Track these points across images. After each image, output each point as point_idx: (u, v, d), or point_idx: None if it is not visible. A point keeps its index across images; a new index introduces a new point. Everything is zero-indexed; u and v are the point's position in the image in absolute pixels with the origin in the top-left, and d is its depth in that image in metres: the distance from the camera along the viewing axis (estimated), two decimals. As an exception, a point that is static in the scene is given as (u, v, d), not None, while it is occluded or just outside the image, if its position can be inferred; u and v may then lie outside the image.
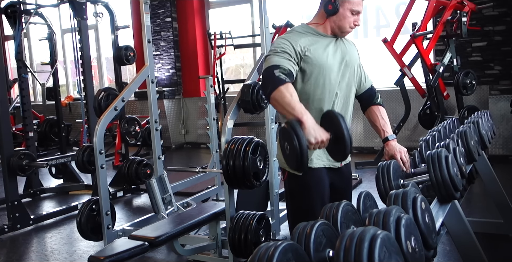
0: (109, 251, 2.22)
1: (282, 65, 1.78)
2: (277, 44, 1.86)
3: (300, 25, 1.96)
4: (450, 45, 4.92)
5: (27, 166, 4.07)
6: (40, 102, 7.45)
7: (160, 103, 7.61)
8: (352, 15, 1.86)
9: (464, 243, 1.76)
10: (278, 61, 1.79)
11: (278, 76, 1.74)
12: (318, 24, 1.92)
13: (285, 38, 1.88)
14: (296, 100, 1.69)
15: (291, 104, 1.66)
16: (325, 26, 1.92)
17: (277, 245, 0.94)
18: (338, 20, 1.87)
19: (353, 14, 1.86)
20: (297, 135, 1.51)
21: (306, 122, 1.60)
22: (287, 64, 1.79)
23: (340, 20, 1.87)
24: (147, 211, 4.04)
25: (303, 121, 1.60)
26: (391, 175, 1.68)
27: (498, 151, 5.35)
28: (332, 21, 1.89)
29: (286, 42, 1.85)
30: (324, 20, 1.91)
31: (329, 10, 1.86)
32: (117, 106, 2.99)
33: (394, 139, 2.00)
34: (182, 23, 8.01)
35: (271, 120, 3.04)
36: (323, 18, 1.91)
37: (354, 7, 1.85)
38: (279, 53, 1.82)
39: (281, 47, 1.84)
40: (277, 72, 1.75)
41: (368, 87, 2.08)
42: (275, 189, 3.10)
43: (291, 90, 1.71)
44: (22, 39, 5.07)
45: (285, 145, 1.58)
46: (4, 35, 8.53)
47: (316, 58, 1.86)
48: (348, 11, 1.85)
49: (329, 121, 1.64)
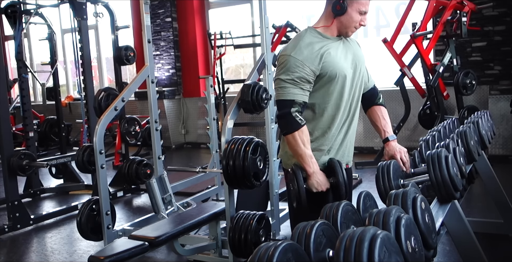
0: (109, 251, 2.22)
1: (297, 100, 1.83)
2: (290, 67, 1.82)
3: (308, 32, 1.90)
4: (450, 45, 4.92)
5: (27, 166, 4.07)
6: (40, 102, 7.46)
7: (160, 103, 7.61)
8: (359, 15, 1.85)
9: (464, 243, 1.76)
10: (294, 94, 1.82)
11: (294, 117, 1.82)
12: (326, 26, 1.90)
13: (298, 56, 1.82)
14: (307, 152, 1.84)
15: (303, 156, 1.84)
16: (332, 28, 1.90)
17: (277, 245, 0.94)
18: (346, 21, 1.86)
19: (360, 14, 1.85)
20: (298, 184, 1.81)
21: (311, 175, 1.83)
22: (301, 97, 1.83)
23: (347, 21, 1.86)
24: (147, 211, 4.04)
25: (310, 174, 1.84)
26: (391, 175, 1.68)
27: (498, 151, 5.35)
28: (340, 22, 1.87)
29: (300, 64, 1.81)
30: (331, 21, 1.88)
31: (337, 10, 1.84)
32: (117, 106, 2.98)
33: (395, 139, 2.01)
34: (182, 23, 8.01)
35: (271, 120, 3.04)
36: (331, 19, 1.88)
37: (362, 7, 1.84)
38: (294, 82, 1.82)
39: (296, 71, 1.81)
40: (294, 112, 1.82)
41: (371, 87, 2.09)
42: (275, 189, 3.09)
43: (304, 138, 1.83)
44: (22, 39, 5.07)
45: (290, 186, 1.87)
46: (4, 35, 8.53)
47: (332, 64, 1.85)
48: (355, 11, 1.84)
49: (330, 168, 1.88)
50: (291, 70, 1.82)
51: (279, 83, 1.86)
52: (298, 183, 1.81)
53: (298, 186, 1.80)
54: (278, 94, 1.87)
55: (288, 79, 1.83)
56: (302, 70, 1.81)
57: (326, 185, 1.85)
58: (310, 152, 1.86)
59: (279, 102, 1.87)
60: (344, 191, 1.83)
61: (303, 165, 1.84)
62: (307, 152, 1.84)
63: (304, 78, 1.82)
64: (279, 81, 1.86)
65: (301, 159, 1.84)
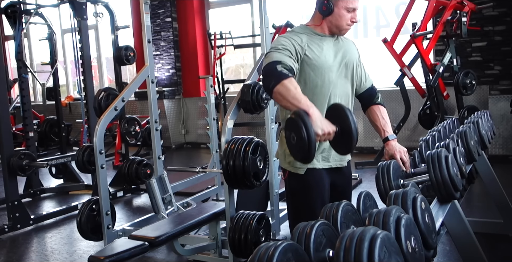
0: (109, 251, 2.22)
1: (283, 61, 1.77)
2: (277, 42, 1.86)
3: (299, 26, 1.97)
4: (450, 45, 4.92)
5: (27, 166, 4.07)
6: (40, 102, 7.46)
7: (160, 103, 7.61)
8: (348, 13, 1.85)
9: (464, 243, 1.76)
10: (280, 57, 1.79)
11: (280, 71, 1.73)
12: (315, 25, 1.93)
13: (285, 36, 1.88)
14: (301, 93, 1.67)
15: (297, 97, 1.65)
16: (322, 27, 1.92)
17: (277, 245, 0.94)
18: (335, 20, 1.87)
19: (349, 12, 1.85)
20: (305, 124, 1.50)
21: (313, 114, 1.58)
22: (288, 60, 1.79)
23: (336, 20, 1.86)
24: (147, 211, 4.04)
25: (310, 114, 1.58)
26: (391, 175, 1.68)
27: (498, 151, 5.35)
28: (329, 21, 1.89)
29: (287, 40, 1.85)
30: (320, 21, 1.91)
31: (323, 11, 1.86)
32: (117, 106, 2.99)
33: (394, 139, 2.00)
34: (182, 23, 8.01)
35: (271, 120, 3.04)
36: (319, 19, 1.91)
37: (349, 5, 1.83)
38: (280, 50, 1.82)
39: (282, 44, 1.84)
40: (279, 67, 1.74)
41: (369, 87, 2.08)
42: (275, 189, 3.10)
43: (294, 84, 1.70)
44: (22, 39, 5.07)
45: (291, 136, 1.58)
46: (4, 35, 8.51)
47: (315, 59, 1.86)
48: (343, 9, 1.84)
49: (336, 114, 1.64)
50: (277, 44, 1.84)
51: (266, 56, 1.85)
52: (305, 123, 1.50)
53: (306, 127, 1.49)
54: (264, 62, 1.82)
55: (274, 49, 1.83)
56: (288, 45, 1.83)
57: (332, 127, 1.61)
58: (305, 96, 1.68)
59: (264, 67, 1.78)
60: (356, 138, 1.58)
61: (300, 106, 1.61)
62: (301, 95, 1.66)
63: (289, 50, 1.82)
64: (266, 55, 1.85)
65: (297, 102, 1.64)
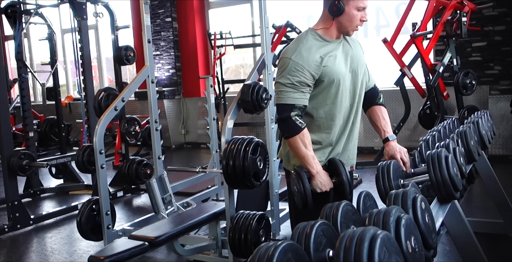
0: (109, 251, 2.22)
1: (297, 104, 1.82)
2: (290, 70, 1.81)
3: (309, 34, 1.89)
4: (450, 45, 4.92)
5: (27, 166, 4.07)
6: (40, 102, 7.45)
7: (160, 103, 7.61)
8: (358, 12, 1.82)
9: (464, 243, 1.76)
10: (294, 98, 1.82)
11: (294, 121, 1.82)
12: (326, 28, 1.87)
13: (299, 60, 1.81)
14: (310, 154, 1.83)
15: (305, 157, 1.83)
16: (332, 30, 1.87)
17: (277, 245, 0.94)
18: (346, 20, 1.83)
19: (359, 11, 1.82)
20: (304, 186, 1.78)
21: (315, 176, 1.82)
22: (301, 101, 1.83)
23: (347, 20, 1.83)
24: (147, 211, 4.04)
25: (313, 175, 1.82)
26: (391, 175, 1.68)
27: (498, 151, 5.34)
28: (339, 22, 1.85)
29: (301, 68, 1.80)
30: (330, 22, 1.86)
31: (334, 11, 1.81)
32: (117, 106, 2.98)
33: (395, 139, 2.01)
34: (182, 23, 8.01)
35: (271, 120, 3.04)
36: (329, 21, 1.86)
37: (359, 4, 1.81)
38: (294, 86, 1.81)
39: (296, 76, 1.81)
40: (294, 116, 1.82)
41: (371, 87, 2.08)
42: (275, 189, 3.09)
43: (306, 141, 1.83)
44: (22, 39, 5.06)
45: (294, 188, 1.85)
46: (4, 35, 8.52)
47: (332, 69, 1.84)
48: (354, 9, 1.81)
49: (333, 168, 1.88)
50: (291, 74, 1.81)
51: (279, 87, 1.86)
52: (303, 184, 1.78)
53: (304, 188, 1.78)
54: (278, 98, 1.87)
55: (288, 83, 1.82)
56: (302, 74, 1.81)
57: (329, 185, 1.84)
58: (312, 152, 1.85)
59: (279, 106, 1.87)
60: (348, 190, 1.82)
61: (306, 166, 1.83)
62: (309, 153, 1.84)
63: (304, 82, 1.82)
64: (279, 85, 1.85)
65: (304, 161, 1.84)
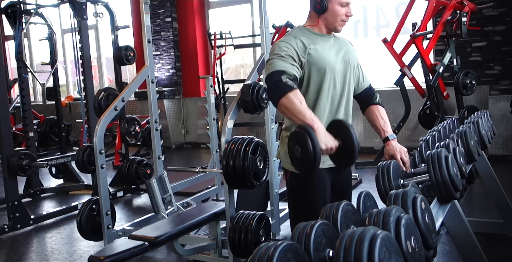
0: (109, 251, 2.22)
1: (287, 71, 1.78)
2: (279, 48, 1.85)
3: (297, 29, 1.96)
4: (450, 45, 4.92)
5: (27, 166, 4.07)
6: (40, 102, 7.46)
7: (160, 103, 7.61)
8: (342, 7, 1.86)
9: (464, 243, 1.76)
10: (283, 66, 1.79)
11: (285, 82, 1.74)
12: (313, 25, 1.93)
13: (286, 41, 1.87)
14: (306, 107, 1.71)
15: (302, 111, 1.68)
16: (320, 26, 1.93)
17: (277, 245, 0.94)
18: (330, 17, 1.88)
19: (343, 6, 1.87)
20: (312, 139, 1.55)
21: (317, 129, 1.63)
22: (291, 69, 1.79)
23: (332, 16, 1.88)
24: (147, 211, 4.04)
25: (315, 129, 1.63)
26: (391, 175, 1.68)
27: (498, 151, 5.34)
28: (325, 19, 1.90)
29: (288, 46, 1.84)
30: (317, 20, 1.92)
31: (318, 9, 1.87)
32: (117, 106, 2.99)
33: (394, 139, 2.00)
34: (182, 23, 8.01)
35: (271, 120, 3.04)
36: (316, 18, 1.92)
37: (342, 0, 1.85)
38: (283, 57, 1.81)
39: (284, 50, 1.83)
40: (284, 78, 1.75)
41: (366, 87, 2.08)
42: (275, 189, 3.09)
43: (300, 97, 1.73)
44: (22, 39, 5.06)
45: (296, 148, 1.62)
46: (4, 35, 8.50)
47: (319, 58, 1.86)
48: (337, 5, 1.86)
49: (338, 130, 1.70)
50: (279, 50, 1.83)
51: (268, 63, 1.85)
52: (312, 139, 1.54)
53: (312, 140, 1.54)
54: (267, 70, 1.83)
55: (277, 56, 1.82)
56: (290, 50, 1.83)
57: (334, 142, 1.66)
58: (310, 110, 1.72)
59: (268, 76, 1.79)
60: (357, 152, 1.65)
61: (305, 121, 1.66)
62: (306, 109, 1.71)
63: (292, 57, 1.82)
64: (268, 62, 1.85)
65: (301, 116, 1.68)
